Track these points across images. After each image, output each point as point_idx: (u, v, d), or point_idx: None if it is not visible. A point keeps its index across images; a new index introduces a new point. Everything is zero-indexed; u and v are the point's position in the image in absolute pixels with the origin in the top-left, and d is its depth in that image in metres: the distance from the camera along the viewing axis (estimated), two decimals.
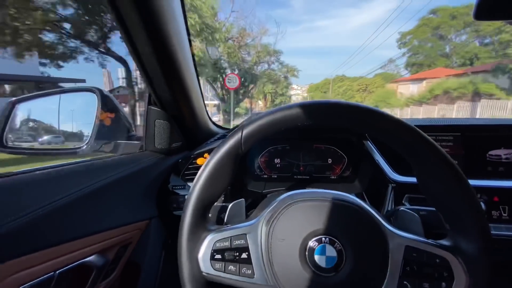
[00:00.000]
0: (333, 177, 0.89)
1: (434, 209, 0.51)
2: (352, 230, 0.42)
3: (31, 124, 0.80)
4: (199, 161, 0.83)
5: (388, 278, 0.39)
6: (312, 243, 0.41)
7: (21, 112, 0.76)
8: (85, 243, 0.52)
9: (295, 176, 0.91)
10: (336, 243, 0.41)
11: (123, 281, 0.64)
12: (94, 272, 0.53)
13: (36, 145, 0.79)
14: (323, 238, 0.41)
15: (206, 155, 0.84)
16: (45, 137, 0.81)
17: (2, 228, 0.40)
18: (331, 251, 0.40)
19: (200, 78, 0.83)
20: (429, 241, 0.41)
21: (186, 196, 0.79)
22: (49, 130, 0.81)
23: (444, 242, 0.41)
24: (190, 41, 0.74)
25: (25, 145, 0.78)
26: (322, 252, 0.40)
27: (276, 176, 0.92)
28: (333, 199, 0.43)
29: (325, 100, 0.42)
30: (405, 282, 0.39)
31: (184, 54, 0.68)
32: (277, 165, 0.92)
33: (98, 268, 0.54)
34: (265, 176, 0.93)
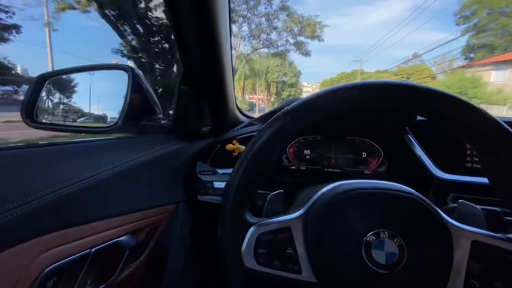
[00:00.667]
0: (367, 172, 0.84)
1: (496, 208, 0.47)
2: (413, 224, 0.38)
3: (62, 99, 0.79)
4: (227, 147, 0.80)
5: (453, 276, 0.36)
6: (369, 237, 0.37)
7: (52, 87, 0.75)
8: (117, 223, 0.50)
9: (325, 169, 0.87)
10: (396, 238, 0.37)
11: (151, 263, 0.62)
12: (126, 253, 0.51)
13: (66, 121, 0.78)
14: (382, 233, 0.37)
15: (234, 141, 0.81)
16: (76, 115, 0.80)
17: (40, 200, 0.38)
18: (391, 247, 0.37)
19: None
20: (499, 235, 0.37)
21: (213, 185, 0.77)
22: (79, 107, 0.80)
23: None
24: (231, 27, 0.71)
25: (55, 121, 0.77)
26: (381, 247, 0.37)
27: (304, 168, 0.88)
28: (390, 189, 0.39)
29: (393, 81, 0.38)
30: (472, 281, 0.35)
31: (225, 37, 0.66)
32: (307, 157, 0.88)
33: (130, 249, 0.52)
34: (293, 167, 0.89)
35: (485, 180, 0.40)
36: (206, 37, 0.60)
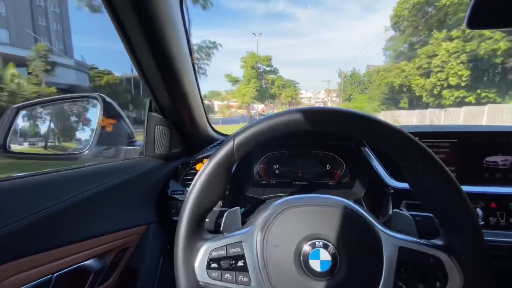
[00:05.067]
0: (331, 183, 0.89)
1: (430, 214, 0.51)
2: (345, 233, 0.42)
3: (33, 129, 0.82)
4: (198, 166, 0.84)
5: (383, 280, 0.39)
6: (306, 247, 0.41)
7: (24, 118, 0.78)
8: (83, 247, 0.53)
9: (293, 182, 0.91)
10: (330, 247, 0.41)
11: (120, 286, 0.64)
12: (91, 276, 0.53)
13: (38, 150, 0.81)
14: (317, 242, 0.41)
15: (205, 160, 0.84)
16: (49, 143, 0.82)
17: (0, 231, 0.41)
18: (325, 255, 0.41)
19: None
20: (422, 241, 0.41)
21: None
22: (51, 136, 0.83)
23: (437, 241, 0.41)
24: (190, 48, 0.76)
25: (27, 150, 0.80)
26: (316, 256, 0.41)
27: (275, 182, 0.93)
28: (325, 203, 0.44)
29: (317, 107, 0.43)
30: (399, 284, 0.39)
31: (184, 60, 0.70)
32: (276, 171, 0.93)
33: (95, 272, 0.54)
34: (264, 182, 0.93)
35: None
36: (165, 69, 0.64)
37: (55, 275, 0.46)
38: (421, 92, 17.93)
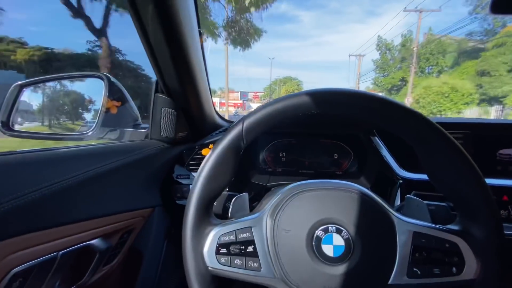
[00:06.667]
0: (338, 173, 0.88)
1: (443, 204, 0.50)
2: (359, 218, 0.41)
3: (37, 108, 0.80)
4: (204, 151, 0.82)
5: (398, 266, 0.39)
6: (318, 232, 0.40)
7: (28, 96, 0.76)
8: (89, 226, 0.52)
9: (300, 171, 0.90)
10: (343, 232, 0.40)
11: (125, 267, 0.63)
12: (97, 256, 0.53)
13: (42, 129, 0.79)
14: (330, 227, 0.40)
15: (211, 146, 0.83)
16: (53, 122, 0.81)
17: (5, 204, 0.40)
18: (338, 240, 0.40)
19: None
20: (437, 226, 0.41)
21: (190, 189, 0.79)
22: (55, 114, 0.81)
23: (453, 226, 0.41)
24: (200, 32, 0.74)
25: (31, 129, 0.78)
26: (329, 241, 0.40)
27: (280, 170, 0.91)
28: (338, 187, 0.43)
29: (331, 88, 0.41)
30: (415, 269, 0.38)
31: (194, 43, 0.68)
32: (282, 159, 0.91)
33: (101, 252, 0.54)
34: (270, 169, 0.92)
35: None
36: (175, 48, 0.62)
37: (60, 252, 0.46)
38: None
